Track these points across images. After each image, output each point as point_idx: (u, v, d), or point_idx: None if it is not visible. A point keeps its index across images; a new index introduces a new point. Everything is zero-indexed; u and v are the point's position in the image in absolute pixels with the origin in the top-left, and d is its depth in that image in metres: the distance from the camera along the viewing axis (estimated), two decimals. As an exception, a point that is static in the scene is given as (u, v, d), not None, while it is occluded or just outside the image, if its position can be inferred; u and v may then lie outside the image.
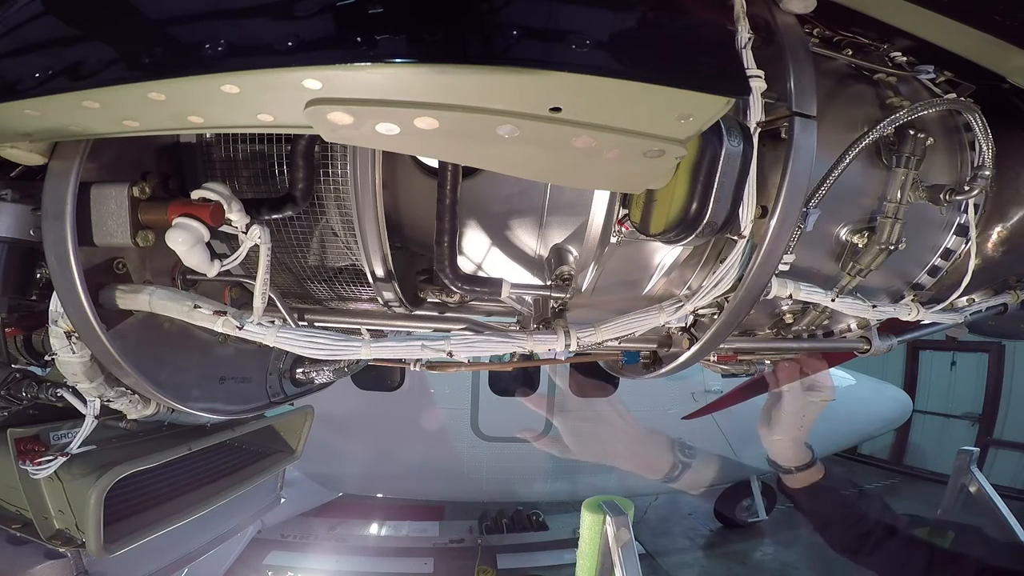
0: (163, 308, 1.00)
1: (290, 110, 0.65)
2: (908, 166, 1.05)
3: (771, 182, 0.93)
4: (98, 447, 1.53)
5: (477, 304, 1.40)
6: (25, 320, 1.13)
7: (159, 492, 1.92)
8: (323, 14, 0.62)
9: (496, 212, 1.15)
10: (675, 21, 0.70)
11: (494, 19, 0.63)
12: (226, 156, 1.03)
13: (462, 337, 1.08)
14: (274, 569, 5.84)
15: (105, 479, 1.53)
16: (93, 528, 1.56)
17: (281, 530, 6.38)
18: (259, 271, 0.96)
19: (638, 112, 0.63)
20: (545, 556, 6.46)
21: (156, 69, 0.63)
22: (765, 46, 0.93)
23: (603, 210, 1.00)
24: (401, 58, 0.59)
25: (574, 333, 1.09)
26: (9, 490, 1.68)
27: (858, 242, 1.11)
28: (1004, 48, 0.94)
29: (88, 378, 1.07)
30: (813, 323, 1.31)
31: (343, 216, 1.07)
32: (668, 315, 1.13)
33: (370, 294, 1.23)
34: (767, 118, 0.90)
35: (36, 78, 0.66)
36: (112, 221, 0.88)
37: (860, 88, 1.13)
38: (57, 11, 0.73)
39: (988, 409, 10.37)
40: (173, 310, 0.99)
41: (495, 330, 1.16)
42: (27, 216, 0.95)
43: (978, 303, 1.42)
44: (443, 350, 1.04)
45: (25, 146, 0.79)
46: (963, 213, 1.19)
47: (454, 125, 0.63)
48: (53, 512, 1.62)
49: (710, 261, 1.14)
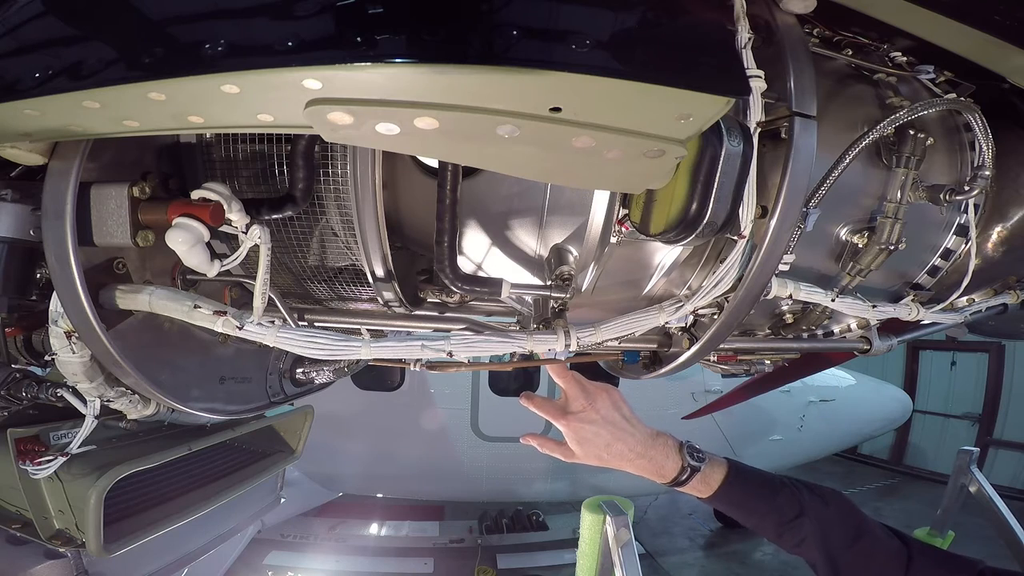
0: (163, 308, 1.00)
1: (290, 110, 0.65)
2: (908, 166, 1.06)
3: (771, 182, 0.93)
4: (98, 447, 1.53)
5: (477, 304, 1.40)
6: (25, 320, 1.13)
7: (159, 492, 1.92)
8: (323, 14, 0.62)
9: (496, 212, 1.15)
10: (675, 21, 0.70)
11: (494, 19, 0.63)
12: (226, 156, 1.03)
13: (462, 337, 1.08)
14: (274, 569, 5.84)
15: (105, 479, 1.53)
16: (93, 528, 1.56)
17: (281, 530, 6.38)
18: (259, 271, 0.96)
19: (638, 112, 0.63)
20: (545, 556, 6.46)
21: (156, 69, 0.62)
22: (765, 46, 0.93)
23: (603, 210, 1.01)
24: (401, 58, 0.59)
25: (574, 333, 1.09)
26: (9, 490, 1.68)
27: (858, 242, 1.11)
28: (1004, 48, 0.94)
29: (88, 378, 1.07)
30: (813, 323, 1.31)
31: (343, 216, 1.07)
32: (668, 315, 1.13)
33: (370, 294, 1.23)
34: (767, 118, 0.90)
35: (36, 78, 0.66)
36: (112, 221, 0.88)
37: (860, 88, 1.13)
38: (57, 11, 0.73)
39: (988, 409, 10.38)
40: (173, 310, 0.99)
41: (495, 330, 1.16)
42: (27, 216, 0.95)
43: (978, 303, 1.42)
44: (443, 350, 1.04)
45: (25, 146, 0.79)
46: (963, 213, 1.19)
47: (454, 125, 0.63)
48: (53, 512, 1.62)
49: (710, 261, 1.14)
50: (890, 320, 1.32)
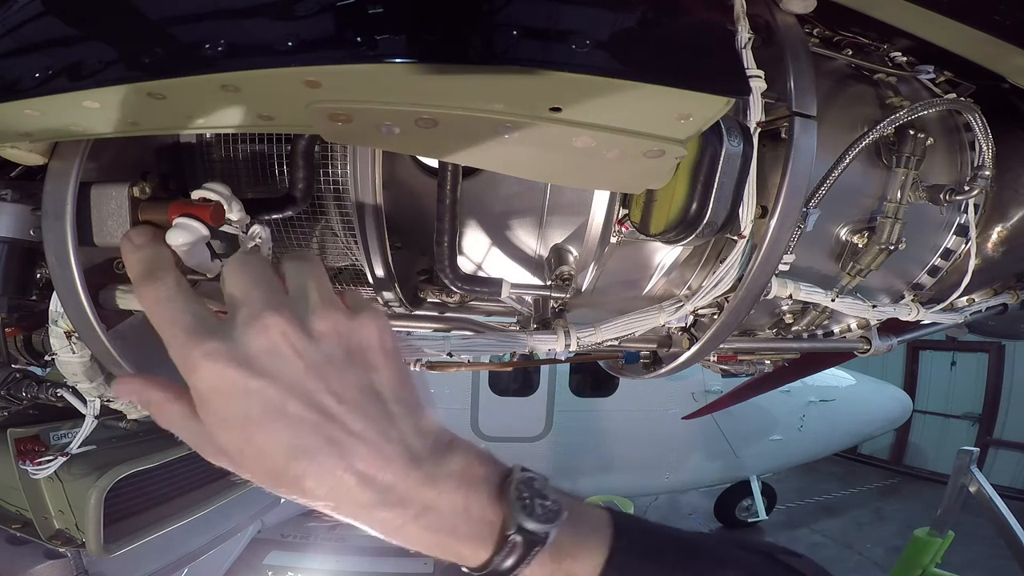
0: (163, 308, 0.99)
1: (290, 110, 0.65)
2: (908, 166, 1.05)
3: (771, 182, 0.93)
4: (98, 447, 1.53)
5: (477, 304, 1.40)
6: (25, 320, 1.13)
7: (159, 492, 1.92)
8: (323, 14, 0.62)
9: (496, 212, 1.15)
10: (675, 21, 0.70)
11: (494, 19, 0.63)
12: (226, 156, 1.03)
13: (462, 337, 1.08)
14: (274, 569, 5.84)
15: (105, 479, 1.53)
16: (93, 528, 1.57)
17: (281, 530, 6.37)
18: (259, 271, 0.95)
19: (638, 112, 0.63)
20: (545, 556, 6.45)
21: (156, 69, 0.62)
22: (765, 46, 0.93)
23: (603, 210, 1.01)
24: (401, 58, 0.59)
25: (574, 333, 1.09)
26: (9, 490, 1.68)
27: (858, 242, 1.11)
28: (1004, 48, 0.94)
29: (88, 378, 1.07)
30: (813, 323, 1.31)
31: (343, 216, 1.07)
32: (668, 315, 1.13)
33: (370, 294, 1.23)
34: (767, 118, 0.90)
35: (36, 78, 0.66)
36: (112, 221, 0.88)
37: (860, 88, 1.13)
38: (57, 11, 0.73)
39: (988, 409, 10.38)
40: (173, 310, 0.99)
41: (495, 330, 1.16)
42: (27, 216, 0.95)
43: (978, 303, 1.42)
44: (443, 350, 1.04)
45: (25, 146, 0.79)
46: (963, 213, 1.19)
47: (454, 125, 0.63)
48: (53, 512, 1.63)
49: (710, 261, 1.14)
50: (890, 320, 1.32)
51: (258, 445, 0.54)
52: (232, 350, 0.55)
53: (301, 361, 0.55)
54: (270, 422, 0.54)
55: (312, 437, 0.54)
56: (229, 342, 0.55)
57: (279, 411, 0.54)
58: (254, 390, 0.54)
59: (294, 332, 0.56)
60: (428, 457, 0.57)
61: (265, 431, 0.54)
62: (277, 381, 0.54)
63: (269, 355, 0.55)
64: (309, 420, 0.54)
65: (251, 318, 0.56)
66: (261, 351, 0.55)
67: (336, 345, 0.57)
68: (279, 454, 0.54)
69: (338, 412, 0.55)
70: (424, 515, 0.56)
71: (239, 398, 0.54)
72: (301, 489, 0.54)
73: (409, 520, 0.56)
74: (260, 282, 0.61)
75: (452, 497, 0.56)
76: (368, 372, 0.58)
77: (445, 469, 0.57)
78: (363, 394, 0.57)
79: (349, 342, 0.58)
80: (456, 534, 0.57)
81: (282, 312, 0.57)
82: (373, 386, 0.58)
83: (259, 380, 0.54)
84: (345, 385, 0.56)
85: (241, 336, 0.56)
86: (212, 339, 0.56)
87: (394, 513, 0.56)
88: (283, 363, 0.55)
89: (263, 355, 0.55)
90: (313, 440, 0.54)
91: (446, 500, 0.56)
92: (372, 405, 0.57)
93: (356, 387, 0.57)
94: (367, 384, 0.58)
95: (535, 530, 0.55)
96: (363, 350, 0.59)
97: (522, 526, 0.55)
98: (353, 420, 0.55)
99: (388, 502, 0.55)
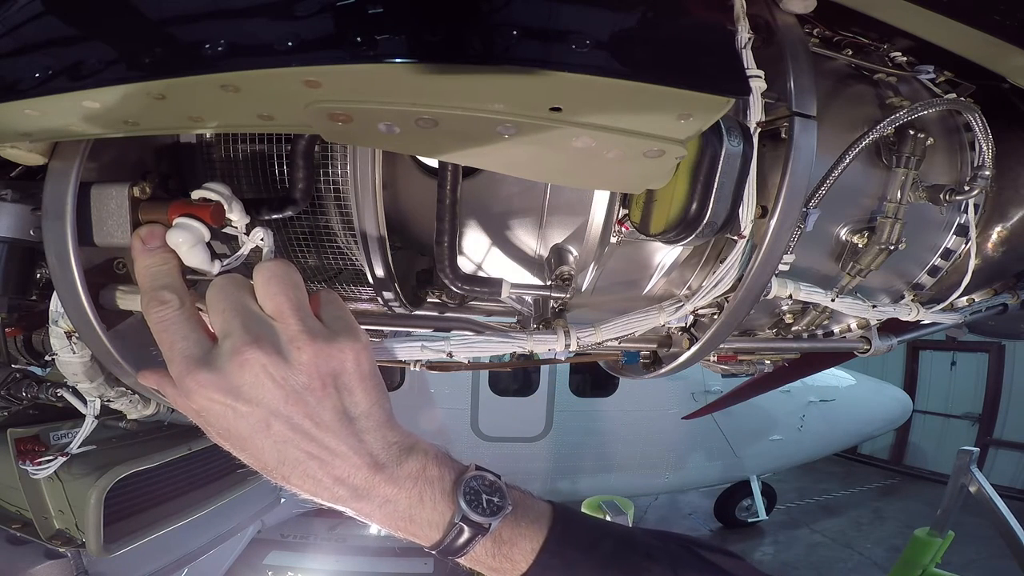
0: (163, 308, 0.99)
1: (290, 110, 0.65)
2: (908, 166, 1.06)
3: (771, 182, 0.93)
4: (98, 447, 1.53)
5: (477, 304, 1.40)
6: (25, 320, 1.13)
7: (159, 492, 1.92)
8: (323, 14, 0.62)
9: (496, 212, 1.15)
10: (675, 21, 0.70)
11: (494, 19, 0.63)
12: (226, 156, 1.03)
13: (462, 337, 1.08)
14: (274, 569, 5.84)
15: (105, 479, 1.53)
16: (93, 528, 1.57)
17: (281, 530, 6.38)
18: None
19: (638, 112, 0.63)
20: (545, 556, 6.45)
21: (156, 69, 0.62)
22: (765, 46, 0.93)
23: (603, 210, 1.01)
24: (401, 58, 0.59)
25: (574, 333, 1.09)
26: (9, 490, 1.68)
27: (858, 242, 1.11)
28: (1004, 48, 0.94)
29: (88, 378, 1.07)
30: (813, 323, 1.31)
31: (343, 216, 1.07)
32: (668, 315, 1.13)
33: (370, 294, 1.23)
34: (767, 118, 0.90)
35: (36, 78, 0.66)
36: (112, 221, 0.88)
37: (860, 88, 1.13)
38: (57, 11, 0.73)
39: (988, 409, 10.39)
40: (173, 310, 0.99)
41: (495, 330, 1.16)
42: (27, 216, 0.95)
43: (978, 303, 1.42)
44: (443, 350, 1.04)
45: (25, 146, 0.79)
46: (963, 213, 1.19)
47: (454, 125, 0.63)
48: (53, 512, 1.63)
49: (710, 261, 1.14)
50: (890, 320, 1.32)
51: (249, 452, 0.67)
52: (220, 380, 0.64)
53: (281, 391, 0.65)
54: (257, 439, 0.66)
55: (294, 450, 0.66)
56: (217, 373, 0.64)
57: (264, 431, 0.65)
58: (242, 413, 0.65)
59: (273, 364, 0.65)
60: (390, 462, 0.70)
61: (253, 444, 0.66)
62: (260, 406, 0.65)
63: (252, 387, 0.64)
64: (291, 439, 0.66)
65: (233, 353, 0.64)
66: (244, 383, 0.64)
67: (314, 375, 0.66)
68: (267, 460, 0.67)
69: (316, 433, 0.66)
70: (386, 506, 0.71)
71: (229, 419, 0.65)
72: (288, 485, 0.69)
73: (375, 509, 0.71)
74: (238, 311, 0.68)
75: (409, 493, 0.71)
76: (342, 395, 0.69)
77: (404, 471, 0.71)
78: (337, 416, 0.67)
79: (326, 369, 0.67)
80: (413, 521, 0.71)
81: (262, 345, 0.65)
82: (346, 410, 0.69)
83: (245, 406, 0.65)
84: (322, 409, 0.67)
85: (226, 367, 0.64)
86: (203, 369, 0.65)
87: (363, 504, 0.70)
88: (265, 392, 0.65)
89: (246, 387, 0.64)
90: (295, 453, 0.66)
91: (403, 496, 0.71)
92: (344, 426, 0.68)
93: (331, 410, 0.67)
94: (341, 408, 0.68)
95: (478, 521, 0.70)
96: (338, 375, 0.68)
97: (467, 517, 0.70)
98: (329, 439, 0.67)
99: (358, 497, 0.70)
